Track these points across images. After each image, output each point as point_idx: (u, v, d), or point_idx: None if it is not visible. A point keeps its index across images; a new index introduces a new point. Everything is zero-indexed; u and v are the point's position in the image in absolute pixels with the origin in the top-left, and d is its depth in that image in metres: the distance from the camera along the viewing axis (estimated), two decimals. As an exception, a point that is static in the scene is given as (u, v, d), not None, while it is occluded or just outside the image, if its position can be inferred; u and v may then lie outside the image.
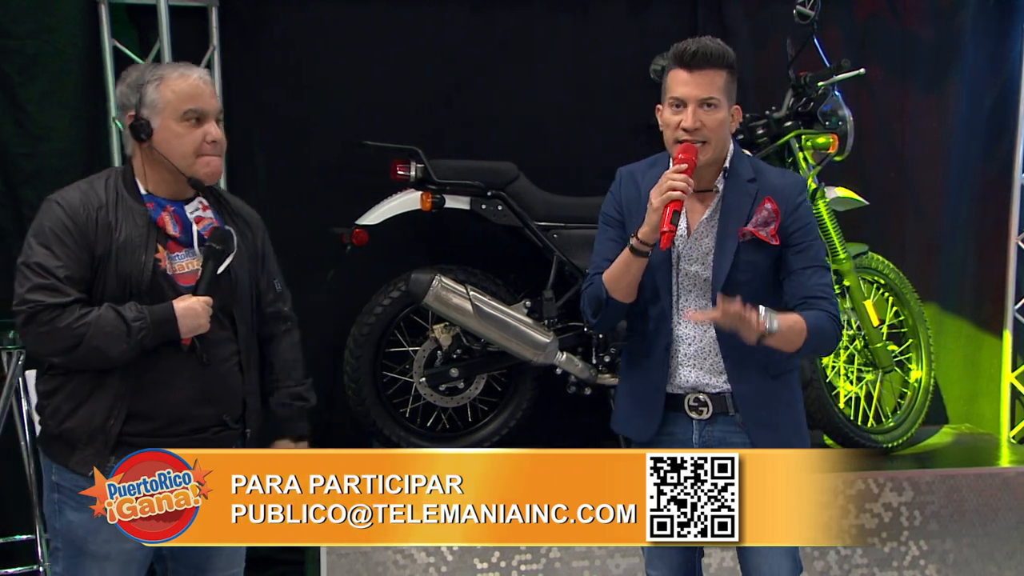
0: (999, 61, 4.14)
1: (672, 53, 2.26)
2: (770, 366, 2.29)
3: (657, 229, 2.17)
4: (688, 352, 2.32)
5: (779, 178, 2.35)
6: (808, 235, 2.31)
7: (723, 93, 2.25)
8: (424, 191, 3.39)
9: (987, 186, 4.21)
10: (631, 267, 2.25)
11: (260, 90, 3.73)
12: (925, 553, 3.39)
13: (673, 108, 2.25)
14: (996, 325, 4.25)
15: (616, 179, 2.43)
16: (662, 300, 2.32)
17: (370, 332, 3.46)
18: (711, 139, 2.24)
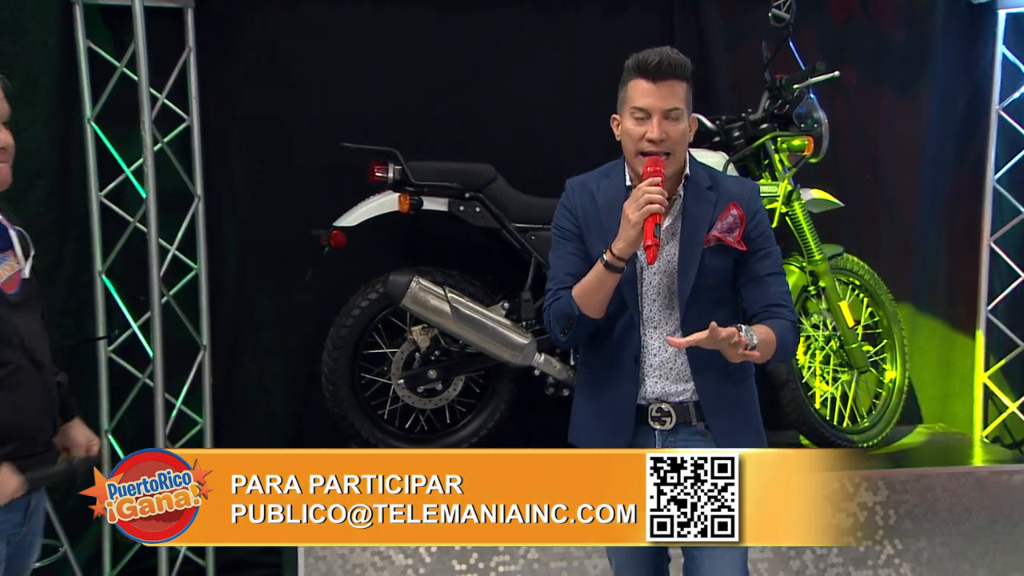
0: (970, 64, 4.18)
1: (633, 63, 2.25)
2: (732, 372, 2.29)
3: (636, 244, 2.16)
4: (653, 363, 2.31)
5: (736, 185, 2.36)
6: (768, 240, 2.33)
7: (685, 104, 2.25)
8: (402, 193, 3.38)
9: (960, 188, 4.25)
10: (605, 283, 2.22)
11: (237, 92, 3.71)
12: (899, 552, 3.42)
13: (636, 119, 2.23)
14: (969, 326, 4.28)
15: (567, 190, 2.40)
16: (629, 311, 2.30)
17: (348, 334, 3.45)
18: (675, 151, 2.24)
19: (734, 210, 2.27)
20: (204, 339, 3.71)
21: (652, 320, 2.30)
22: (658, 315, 2.30)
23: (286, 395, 3.84)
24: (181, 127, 3.63)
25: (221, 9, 3.64)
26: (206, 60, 3.63)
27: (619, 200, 2.26)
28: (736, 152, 3.56)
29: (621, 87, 2.29)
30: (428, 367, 3.47)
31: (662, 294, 2.30)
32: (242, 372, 3.82)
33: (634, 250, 2.18)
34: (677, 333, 2.27)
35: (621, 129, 2.30)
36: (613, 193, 2.32)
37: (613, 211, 2.27)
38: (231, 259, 3.78)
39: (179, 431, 3.70)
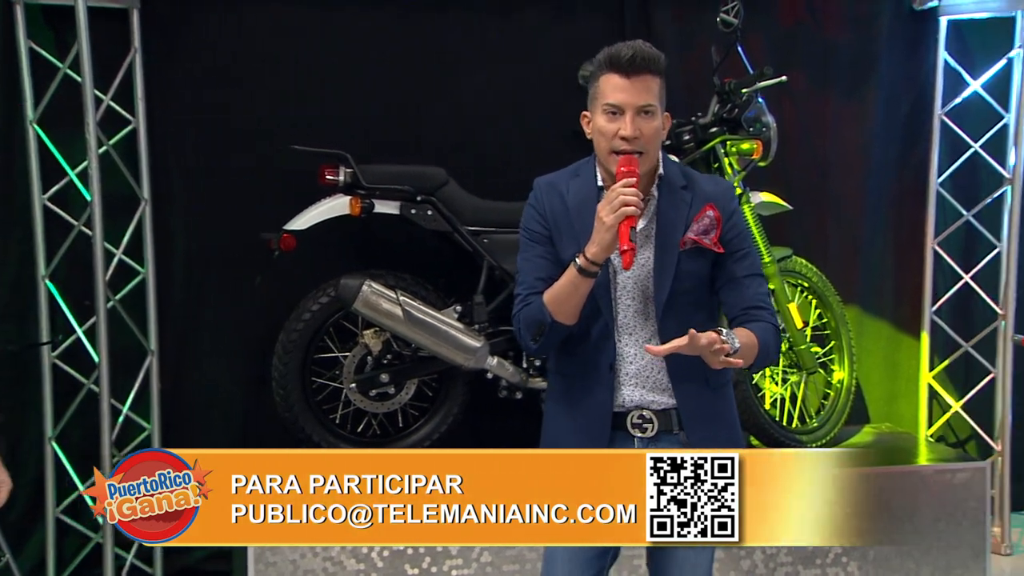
0: (914, 70, 4.24)
1: (605, 57, 2.15)
2: (711, 379, 2.23)
3: (610, 248, 2.08)
4: (630, 371, 2.22)
5: (711, 185, 2.27)
6: (746, 241, 2.25)
7: (659, 100, 2.16)
8: (353, 196, 3.36)
9: (904, 192, 4.31)
10: (579, 288, 2.13)
11: (184, 93, 3.67)
12: (847, 550, 3.47)
13: (608, 115, 2.14)
14: (914, 327, 4.35)
15: (535, 190, 2.29)
16: (603, 317, 2.21)
17: (299, 338, 3.42)
18: (648, 149, 2.15)
19: (710, 211, 2.18)
20: (152, 344, 3.66)
21: (627, 326, 2.22)
22: (633, 321, 2.22)
23: (236, 400, 3.80)
24: (127, 129, 3.57)
25: (167, 10, 3.59)
26: (152, 61, 3.58)
27: (591, 201, 2.18)
28: (686, 155, 3.59)
29: (592, 82, 2.19)
30: (380, 371, 3.45)
31: (637, 299, 2.21)
32: (191, 377, 3.77)
33: (608, 254, 2.10)
34: (654, 339, 2.20)
35: (592, 127, 2.19)
36: (584, 194, 2.23)
37: (585, 213, 2.18)
38: (179, 263, 3.73)
39: (126, 437, 3.64)
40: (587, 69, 2.21)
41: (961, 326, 4.32)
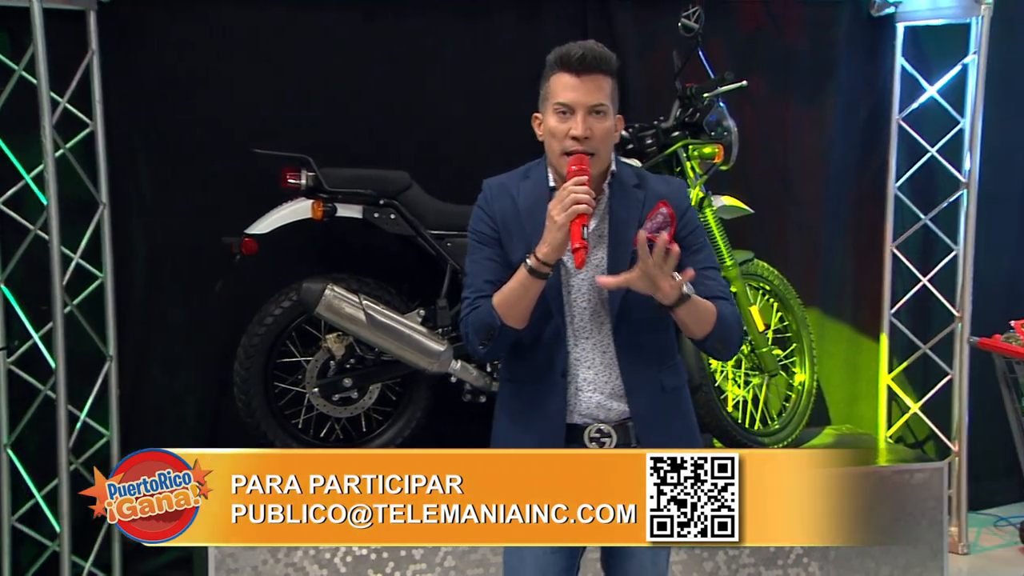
0: (872, 75, 4.30)
1: (555, 57, 2.12)
2: (665, 383, 2.21)
3: (562, 247, 2.03)
4: (587, 376, 2.17)
5: (663, 184, 2.24)
6: (700, 237, 2.22)
7: (611, 100, 2.13)
8: (315, 200, 3.35)
9: (863, 196, 4.36)
10: (529, 290, 2.07)
11: (143, 96, 3.63)
12: (808, 551, 3.50)
13: (559, 115, 2.11)
14: (874, 329, 4.40)
15: (484, 192, 2.25)
16: (555, 320, 2.15)
17: (260, 342, 3.40)
18: (600, 150, 2.11)
19: (664, 208, 2.11)
20: (110, 349, 3.61)
21: (583, 330, 2.17)
22: (589, 324, 2.17)
23: (197, 406, 3.77)
24: (84, 132, 3.53)
25: (125, 11, 3.55)
26: (110, 64, 3.54)
27: (542, 203, 2.14)
28: (649, 159, 3.61)
29: (543, 83, 2.16)
30: (343, 375, 3.44)
31: (592, 301, 2.16)
32: (151, 383, 3.73)
33: (560, 254, 2.05)
34: (609, 345, 2.16)
35: (543, 128, 2.16)
36: (535, 196, 2.18)
37: (536, 215, 2.14)
38: (139, 267, 3.69)
39: (84, 444, 3.59)
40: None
41: (919, 328, 4.38)
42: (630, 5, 3.98)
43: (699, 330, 2.12)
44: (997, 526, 4.41)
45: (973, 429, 4.24)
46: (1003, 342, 3.75)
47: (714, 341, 2.15)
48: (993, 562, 4.10)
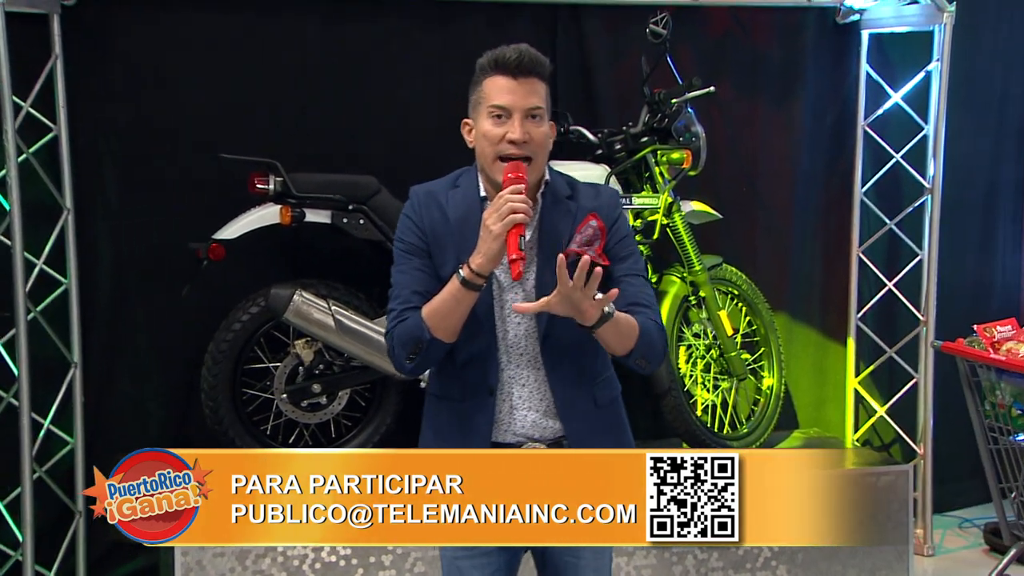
0: (838, 81, 4.33)
1: (489, 59, 2.07)
2: (598, 398, 2.16)
3: (497, 258, 1.96)
4: (522, 394, 2.11)
5: (594, 194, 2.17)
6: (628, 246, 2.14)
7: (546, 104, 2.07)
8: (283, 205, 3.33)
9: (830, 200, 4.40)
10: (461, 302, 1.99)
11: (108, 100, 3.59)
12: (776, 554, 3.53)
13: (494, 119, 2.04)
14: (841, 333, 4.43)
15: (412, 199, 2.17)
16: (486, 336, 2.08)
17: (228, 348, 3.38)
18: (537, 155, 2.05)
19: (593, 221, 2.07)
20: (75, 356, 3.57)
21: (517, 347, 2.10)
22: (523, 341, 2.10)
23: (164, 412, 3.73)
24: (48, 137, 3.48)
25: (89, 15, 3.50)
26: (74, 67, 3.50)
27: (473, 214, 2.07)
28: (618, 165, 3.63)
29: (474, 87, 2.10)
30: (312, 381, 3.42)
31: (526, 317, 2.09)
32: (117, 390, 3.69)
33: (496, 265, 1.98)
34: (539, 361, 2.10)
35: (475, 133, 2.09)
36: (466, 207, 2.11)
37: (467, 227, 2.07)
38: (104, 273, 3.65)
39: (47, 452, 3.54)
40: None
41: (885, 332, 4.41)
42: (599, 12, 4.00)
43: (621, 347, 2.05)
44: (962, 528, 4.46)
45: (938, 432, 4.28)
46: (966, 346, 3.80)
47: (637, 357, 2.07)
48: (958, 563, 4.14)
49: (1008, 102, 4.66)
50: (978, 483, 4.21)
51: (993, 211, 4.69)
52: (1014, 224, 4.77)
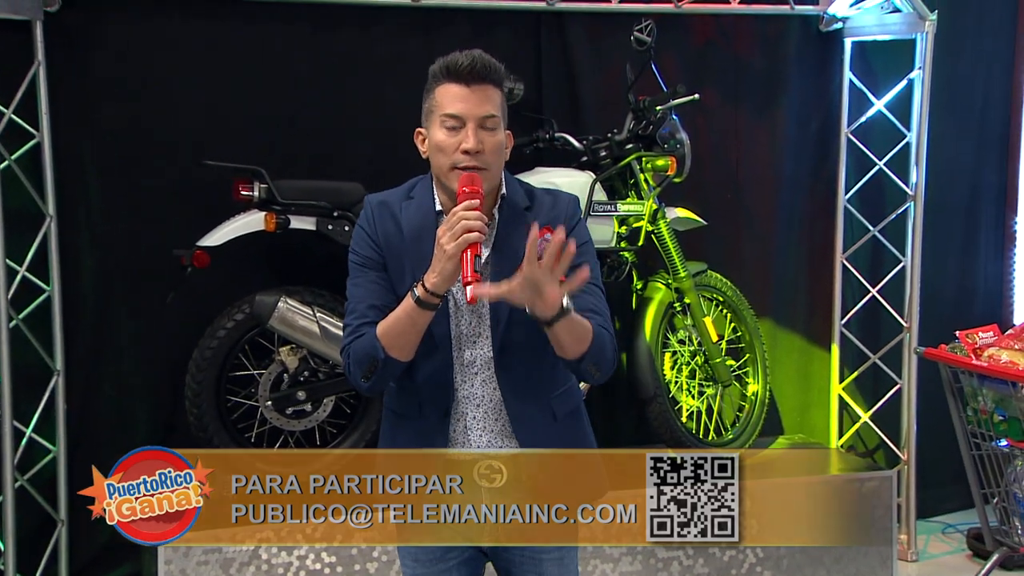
0: (821, 89, 4.36)
1: (441, 67, 2.01)
2: (556, 410, 2.09)
3: (452, 278, 1.89)
4: (477, 415, 2.04)
5: (551, 203, 2.10)
6: (584, 253, 2.02)
7: (501, 113, 2.01)
8: (268, 211, 3.32)
9: (815, 207, 4.42)
10: (416, 321, 1.92)
11: (92, 107, 3.57)
12: (761, 560, 3.53)
13: (447, 129, 1.98)
14: (825, 339, 4.45)
15: (366, 210, 2.09)
16: (441, 356, 2.02)
17: (212, 356, 3.36)
18: (492, 165, 1.98)
19: (548, 235, 1.93)
20: (58, 364, 3.54)
21: (473, 365, 2.04)
22: (479, 360, 2.03)
23: (148, 420, 3.71)
24: (31, 143, 3.47)
25: (72, 22, 3.49)
26: (57, 74, 3.48)
27: (428, 229, 2.01)
28: (603, 172, 3.64)
29: (426, 95, 2.04)
30: (297, 388, 3.41)
31: (483, 335, 2.03)
32: (100, 397, 3.66)
33: (451, 284, 1.91)
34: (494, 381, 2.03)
35: (428, 143, 2.04)
36: (420, 219, 2.04)
37: (423, 242, 2.00)
38: (87, 280, 3.63)
39: (30, 460, 3.52)
40: (505, 86, 2.14)
41: (869, 338, 4.43)
42: (583, 19, 4.01)
43: (574, 350, 1.95)
44: (945, 533, 4.47)
45: (921, 438, 4.30)
46: (948, 352, 3.82)
47: (588, 363, 1.98)
48: (941, 569, 4.16)
49: (989, 109, 4.69)
50: (961, 489, 4.22)
51: (975, 218, 4.72)
52: (996, 231, 4.80)
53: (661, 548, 3.43)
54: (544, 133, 3.72)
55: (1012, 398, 3.61)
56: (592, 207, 3.56)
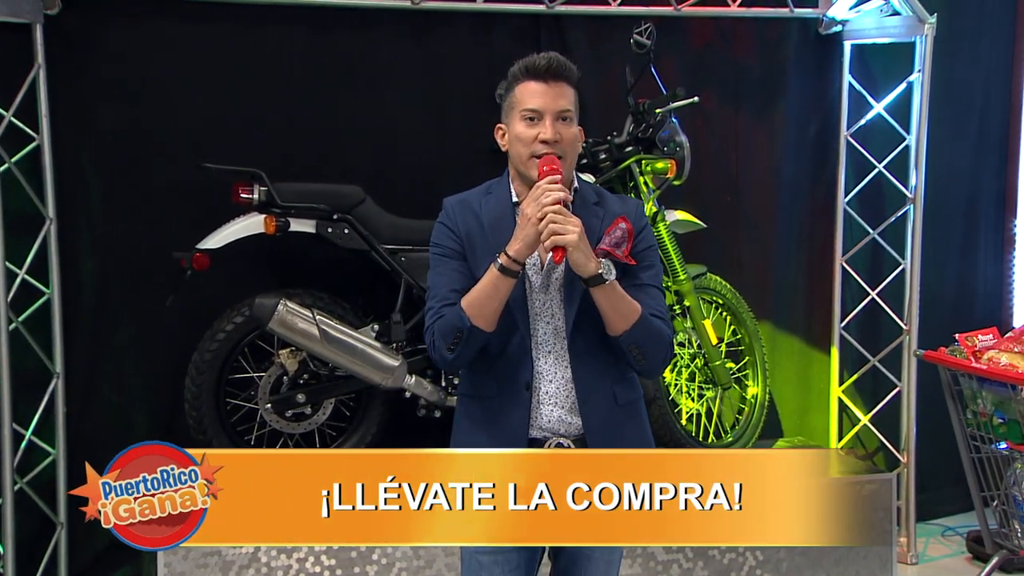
0: (821, 92, 4.36)
1: (522, 66, 2.17)
2: (618, 396, 2.22)
3: (534, 244, 2.06)
4: (549, 390, 2.19)
5: (621, 203, 2.28)
6: (653, 256, 2.25)
7: (575, 108, 2.18)
8: (268, 214, 3.32)
9: (814, 210, 4.42)
10: (499, 289, 2.09)
11: (91, 110, 3.58)
12: (761, 563, 3.53)
13: (527, 121, 2.14)
14: (824, 342, 4.45)
15: (446, 209, 2.27)
16: (520, 331, 2.17)
17: (212, 358, 3.36)
18: (568, 154, 2.16)
19: (623, 223, 2.16)
20: (57, 366, 3.54)
21: (546, 343, 2.18)
22: (551, 338, 2.19)
23: (147, 423, 3.70)
24: (31, 146, 3.47)
25: (73, 24, 3.50)
26: (57, 77, 3.48)
27: (506, 218, 2.18)
28: (602, 174, 3.64)
29: (506, 94, 2.20)
30: (296, 391, 3.41)
31: (556, 315, 2.19)
32: (99, 400, 3.66)
33: (532, 251, 2.08)
34: (565, 358, 2.18)
35: (508, 137, 2.19)
36: (499, 211, 2.21)
37: (501, 229, 2.17)
38: (87, 283, 3.63)
39: (30, 462, 3.52)
40: (503, 87, 2.23)
41: (869, 341, 4.43)
42: (582, 21, 4.01)
43: (618, 324, 2.12)
44: (945, 536, 4.48)
45: (921, 440, 4.30)
46: (948, 355, 3.81)
47: (631, 342, 2.14)
48: (941, 572, 4.16)
49: (989, 112, 4.70)
50: (961, 491, 4.22)
51: (975, 220, 4.73)
52: (995, 233, 4.81)
53: (661, 551, 3.43)
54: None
55: (1012, 401, 3.61)
56: (592, 210, 3.57)
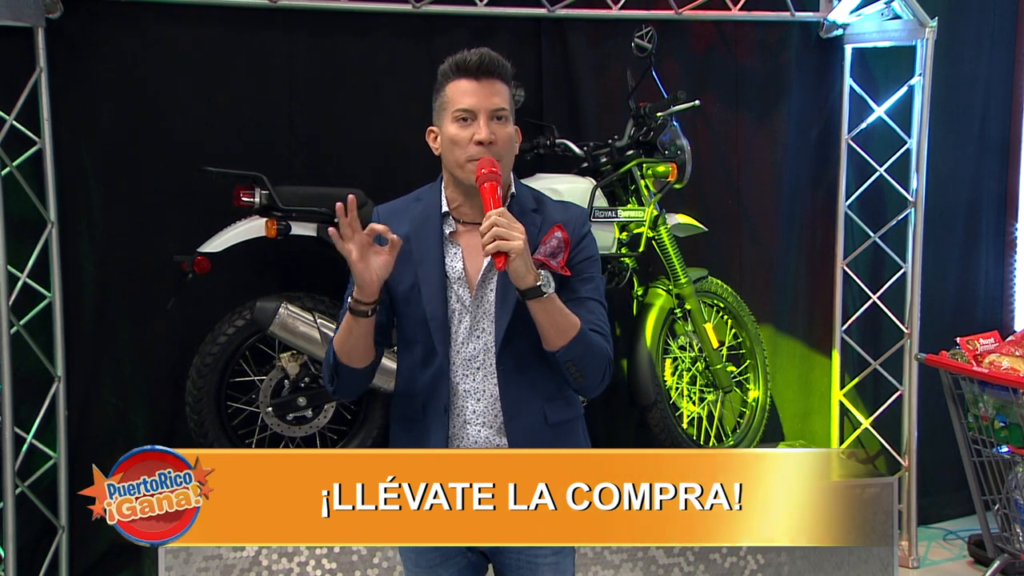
0: (822, 95, 4.37)
1: (451, 64, 2.06)
2: (549, 416, 2.09)
3: (371, 285, 1.92)
4: (476, 408, 2.07)
5: (562, 210, 2.14)
6: (594, 266, 2.11)
7: (511, 107, 2.07)
8: (269, 218, 3.33)
9: (815, 213, 4.42)
10: (354, 329, 1.97)
11: (93, 113, 3.58)
12: (762, 567, 3.53)
13: (460, 122, 2.02)
14: (825, 345, 4.45)
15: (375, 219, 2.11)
16: (438, 356, 2.04)
17: (213, 362, 3.36)
18: (503, 156, 2.03)
19: (559, 232, 2.04)
20: (59, 370, 3.55)
21: (475, 360, 2.06)
22: (481, 354, 2.06)
23: (149, 426, 3.71)
24: (32, 150, 3.47)
25: (74, 29, 3.51)
26: (59, 81, 3.49)
27: (431, 226, 2.08)
28: (603, 178, 3.64)
29: (437, 94, 2.09)
30: (297, 394, 3.41)
31: (486, 331, 2.06)
32: (100, 404, 3.67)
33: (371, 289, 1.93)
34: (493, 374, 2.05)
35: (441, 140, 2.07)
36: (423, 220, 2.10)
37: (423, 236, 2.08)
38: (88, 286, 3.63)
39: (31, 466, 3.52)
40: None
41: (870, 345, 4.43)
42: (584, 25, 4.02)
43: (555, 339, 1.98)
44: (946, 540, 4.47)
45: (922, 444, 4.30)
46: (949, 358, 3.81)
47: (568, 358, 2.00)
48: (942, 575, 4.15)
49: (989, 116, 4.70)
50: (962, 495, 4.22)
51: (976, 224, 4.73)
52: (996, 237, 4.80)
53: (662, 555, 3.43)
54: (545, 139, 3.72)
55: (1013, 404, 3.61)
56: (593, 213, 3.57)
